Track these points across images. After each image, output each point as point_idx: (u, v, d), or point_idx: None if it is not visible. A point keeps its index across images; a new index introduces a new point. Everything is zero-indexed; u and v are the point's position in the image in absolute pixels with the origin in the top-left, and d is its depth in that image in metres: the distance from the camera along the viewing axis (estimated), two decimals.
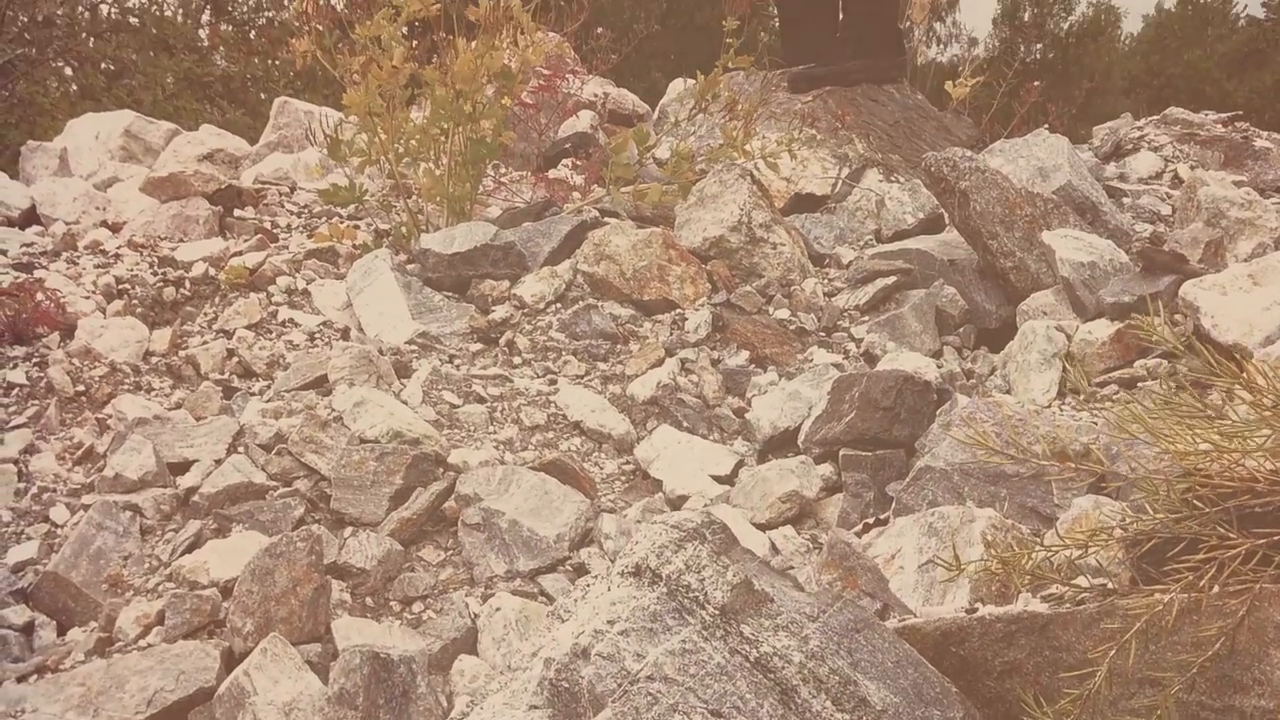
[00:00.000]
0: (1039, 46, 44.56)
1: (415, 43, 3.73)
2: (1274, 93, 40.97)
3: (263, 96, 16.27)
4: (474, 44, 3.67)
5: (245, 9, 25.32)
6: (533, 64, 3.67)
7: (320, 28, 3.61)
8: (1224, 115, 4.28)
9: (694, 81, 4.83)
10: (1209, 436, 1.31)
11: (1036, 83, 4.39)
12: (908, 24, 5.38)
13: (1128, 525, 1.40)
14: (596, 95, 5.02)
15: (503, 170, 4.39)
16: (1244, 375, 1.31)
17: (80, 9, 10.55)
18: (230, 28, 24.56)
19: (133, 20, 12.45)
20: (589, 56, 5.00)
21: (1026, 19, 44.55)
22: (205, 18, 24.53)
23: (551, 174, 4.39)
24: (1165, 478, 1.35)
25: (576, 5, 3.77)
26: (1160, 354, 2.75)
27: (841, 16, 4.48)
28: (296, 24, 3.63)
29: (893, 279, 3.30)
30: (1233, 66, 44.88)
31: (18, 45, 9.19)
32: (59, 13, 9.65)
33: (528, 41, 3.68)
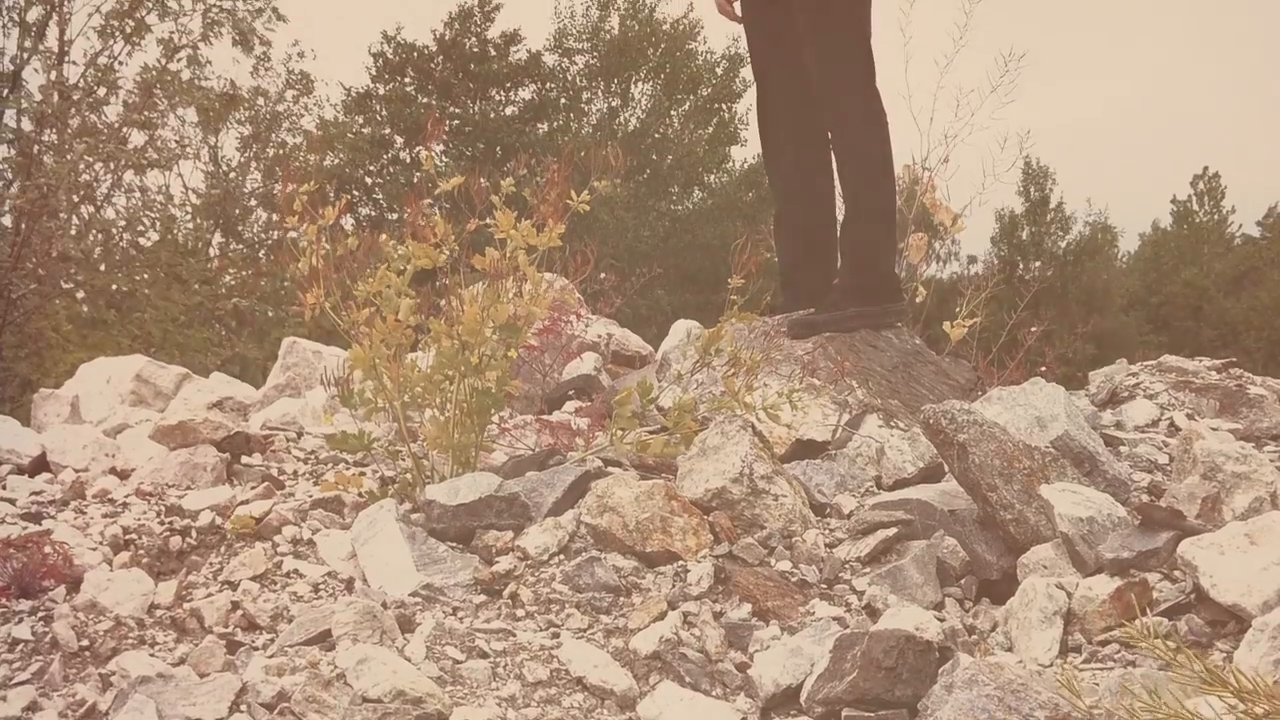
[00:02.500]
0: (1037, 264, 45.29)
1: (419, 292, 3.82)
2: (1272, 310, 41.49)
3: (270, 314, 16.59)
4: (479, 292, 3.77)
5: (255, 228, 25.83)
6: (537, 316, 3.76)
7: (326, 281, 3.70)
8: (1218, 362, 4.35)
9: (695, 325, 4.94)
10: None
11: (1034, 329, 4.50)
12: (906, 265, 5.49)
13: None
14: (600, 336, 5.12)
15: (508, 413, 4.44)
16: (1233, 682, 1.33)
17: (93, 241, 10.83)
18: (240, 248, 25.05)
19: (144, 242, 12.76)
20: (593, 299, 5.13)
21: (1025, 237, 45.37)
22: (216, 239, 25.03)
23: (556, 415, 4.46)
24: None
25: (580, 257, 3.87)
26: (1160, 612, 2.77)
27: (840, 263, 4.58)
28: (304, 278, 3.72)
29: (894, 530, 3.33)
30: (1230, 284, 45.59)
31: (31, 280, 9.40)
32: (74, 248, 9.90)
33: (532, 292, 3.77)
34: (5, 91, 10.46)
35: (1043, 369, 4.74)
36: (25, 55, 10.95)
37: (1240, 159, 66.99)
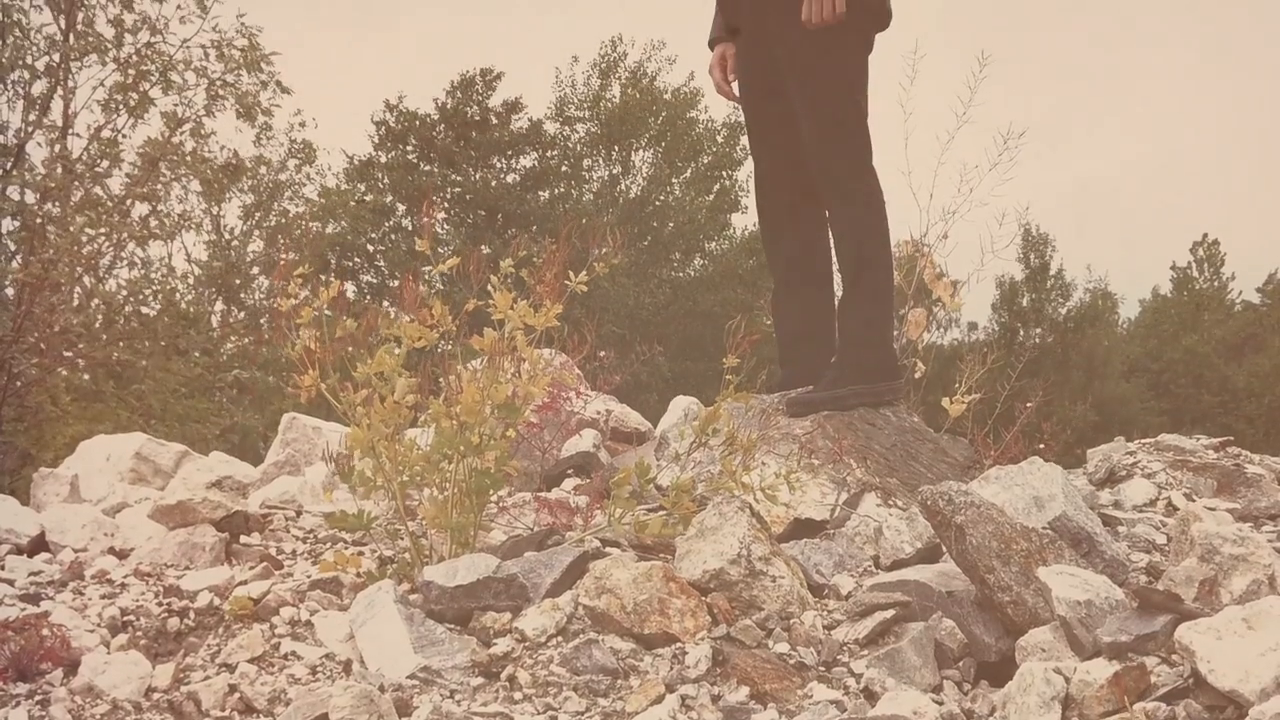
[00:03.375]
0: (1038, 331, 45.31)
1: (418, 370, 3.84)
2: (1273, 377, 41.53)
3: (270, 380, 16.63)
4: (478, 370, 3.78)
5: (257, 295, 25.93)
6: (536, 396, 3.77)
7: (323, 363, 3.72)
8: (1216, 441, 4.36)
9: (694, 401, 4.96)
10: None
11: (1030, 404, 4.52)
12: (903, 341, 5.51)
13: None
14: (600, 413, 5.13)
15: (507, 491, 4.45)
16: None
17: (95, 310, 10.89)
18: (242, 314, 25.13)
19: (146, 312, 12.81)
20: (593, 375, 5.15)
21: (1025, 304, 45.42)
22: (218, 306, 25.14)
23: (555, 493, 4.47)
24: None
25: (578, 337, 3.89)
26: (1158, 697, 2.76)
27: (838, 340, 4.60)
28: (301, 359, 3.74)
29: (891, 612, 3.33)
30: (1231, 351, 45.62)
31: (33, 355, 9.44)
32: (75, 320, 9.94)
33: (531, 372, 3.78)
34: (9, 165, 10.55)
35: (1041, 445, 4.75)
36: (30, 129, 11.06)
37: (1240, 226, 67.25)
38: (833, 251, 4.66)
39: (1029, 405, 4.53)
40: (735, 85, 4.78)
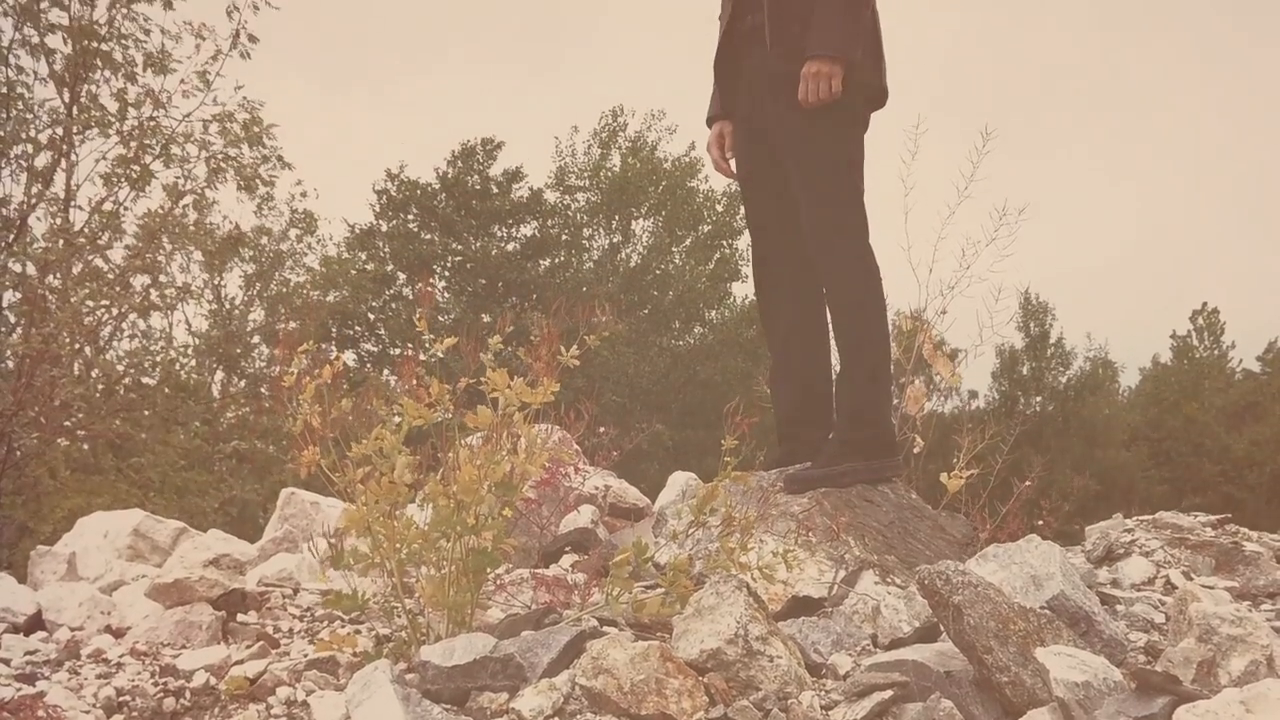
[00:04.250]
0: (1038, 399, 45.26)
1: (417, 448, 3.84)
2: (1274, 445, 41.43)
3: (271, 450, 16.62)
4: (476, 445, 3.79)
5: (258, 363, 25.97)
6: (533, 474, 3.77)
7: (324, 440, 3.72)
8: (1214, 518, 4.36)
9: (692, 477, 4.96)
10: None
11: (1028, 481, 4.52)
12: (903, 416, 5.52)
13: None
14: (598, 488, 5.13)
15: (505, 568, 4.44)
16: None
17: (95, 380, 10.90)
18: (243, 383, 25.15)
19: (147, 381, 12.83)
20: (592, 451, 5.15)
21: (1025, 372, 45.41)
22: (218, 375, 25.16)
23: (553, 569, 4.46)
24: None
25: (574, 414, 3.90)
26: None
27: (836, 417, 4.61)
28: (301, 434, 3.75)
29: (889, 693, 3.31)
30: (1231, 420, 45.53)
31: (33, 429, 9.45)
32: (77, 391, 9.96)
33: (528, 449, 3.79)
34: (11, 238, 10.61)
35: (1040, 521, 4.75)
36: (33, 201, 11.13)
37: (1239, 294, 67.43)
38: (830, 327, 4.68)
39: (1027, 483, 4.53)
40: (733, 163, 4.82)
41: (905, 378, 5.67)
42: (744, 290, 39.18)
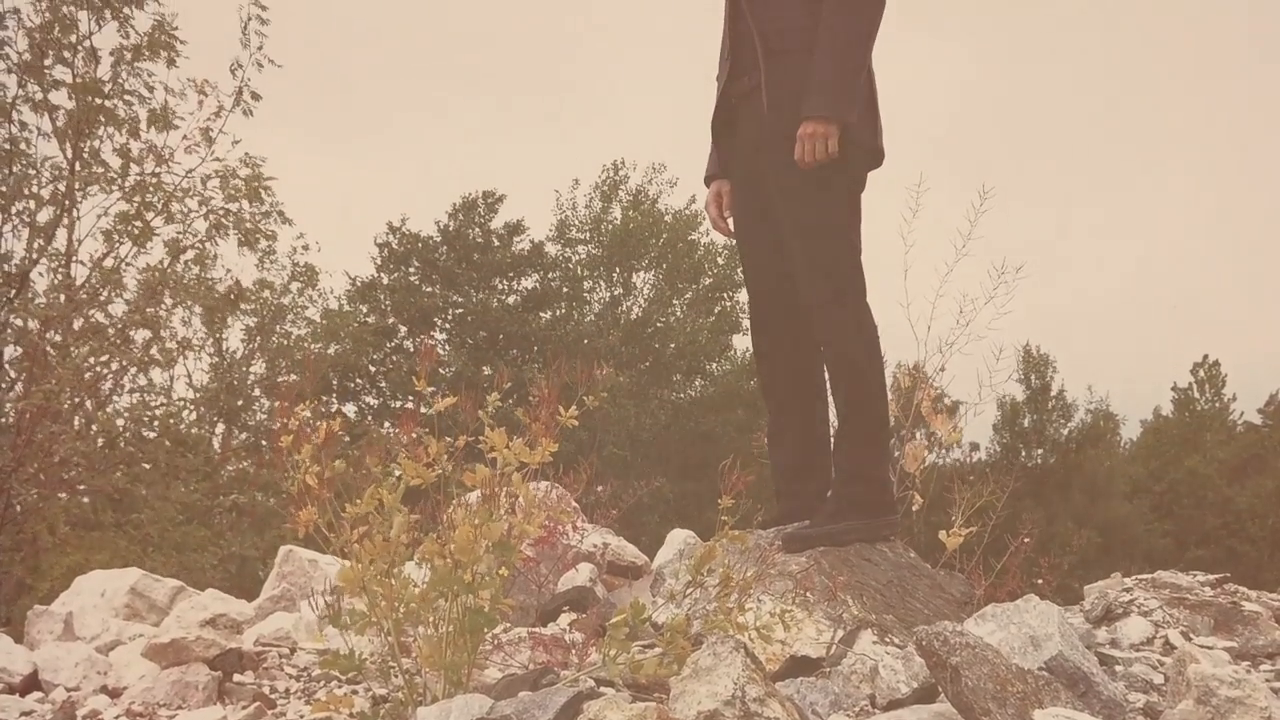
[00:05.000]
0: (1040, 452, 45.21)
1: (416, 506, 3.84)
2: (1276, 498, 41.37)
3: (271, 502, 16.59)
4: (473, 503, 3.78)
5: (259, 415, 25.97)
6: (530, 534, 3.77)
7: (319, 501, 3.72)
8: (1212, 577, 4.35)
9: (690, 534, 4.95)
10: None
11: (1027, 538, 4.51)
12: (900, 472, 5.52)
13: None
14: (596, 546, 5.12)
15: (503, 627, 4.43)
16: None
17: (95, 434, 10.90)
18: (245, 435, 25.15)
19: (148, 434, 12.82)
20: (590, 509, 5.15)
21: (1026, 425, 45.39)
22: (219, 428, 25.16)
23: (550, 628, 4.45)
24: None
25: (571, 474, 3.90)
26: None
27: (834, 475, 4.61)
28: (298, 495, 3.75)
29: None
30: (1233, 472, 45.47)
31: (32, 485, 9.44)
32: (78, 446, 9.96)
33: (526, 509, 3.78)
34: (13, 294, 10.64)
35: (1040, 580, 4.73)
36: (35, 256, 11.17)
37: (1240, 347, 67.46)
38: (828, 385, 4.69)
39: (1025, 539, 4.53)
40: (731, 221, 4.84)
41: (904, 434, 5.67)
42: (745, 343, 39.20)
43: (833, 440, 4.66)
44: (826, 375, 4.66)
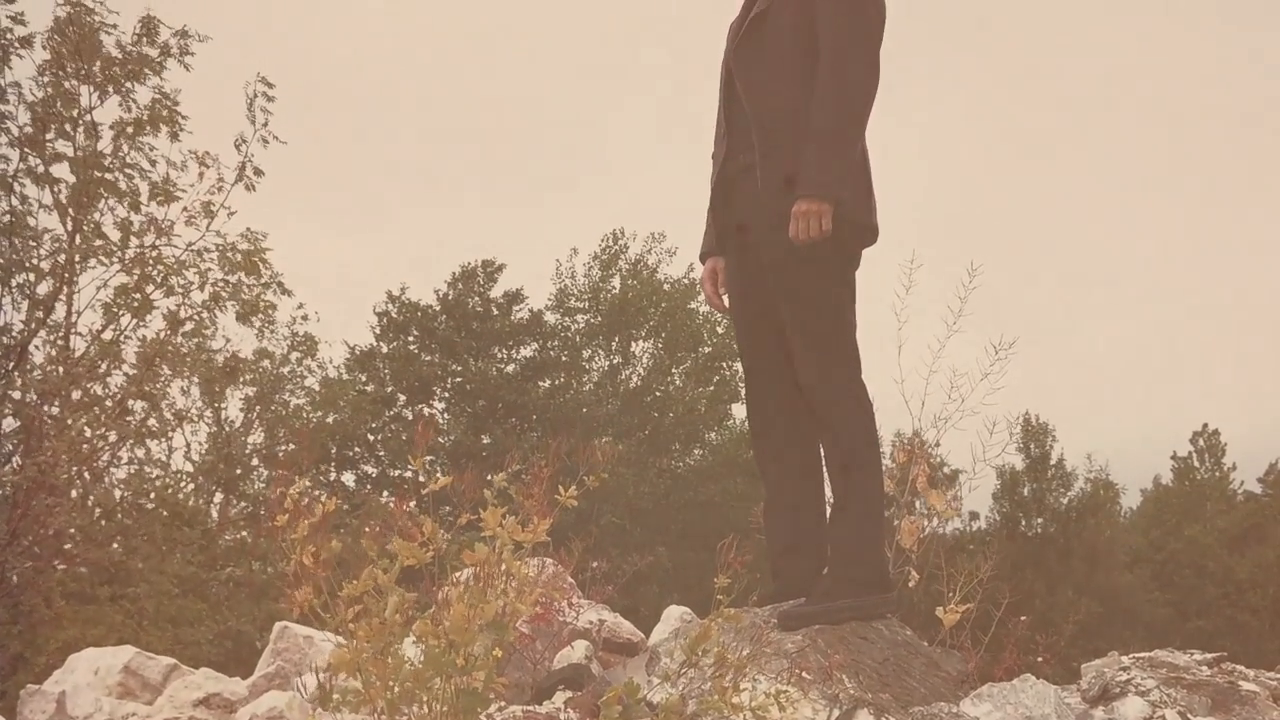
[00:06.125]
0: (1040, 520, 45.11)
1: (409, 585, 3.83)
2: (1277, 567, 41.25)
3: (269, 572, 16.52)
4: (467, 580, 3.77)
5: (257, 484, 25.95)
6: (524, 614, 3.76)
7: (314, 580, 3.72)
8: (1210, 656, 4.33)
9: (686, 611, 4.94)
10: None
11: (1024, 617, 4.50)
12: (895, 548, 5.51)
13: None
14: (592, 622, 5.10)
15: (497, 705, 4.41)
16: None
17: (91, 510, 10.89)
18: (244, 505, 25.13)
19: (147, 505, 12.80)
20: (587, 584, 5.13)
21: (1026, 494, 45.33)
22: (216, 497, 25.12)
23: (545, 706, 4.42)
24: None
25: (565, 552, 3.90)
26: None
27: (830, 551, 4.60)
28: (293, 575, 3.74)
29: None
30: (1233, 542, 45.38)
31: (27, 558, 9.42)
32: (74, 520, 9.95)
33: (520, 590, 3.78)
34: (11, 366, 10.66)
35: (1039, 659, 4.72)
36: (33, 328, 11.20)
37: (1239, 415, 67.47)
38: (823, 462, 4.69)
39: (1023, 618, 4.52)
40: (726, 298, 4.86)
41: (899, 509, 5.67)
42: (743, 412, 39.17)
43: (829, 516, 4.66)
44: (822, 451, 4.67)
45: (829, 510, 4.69)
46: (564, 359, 40.42)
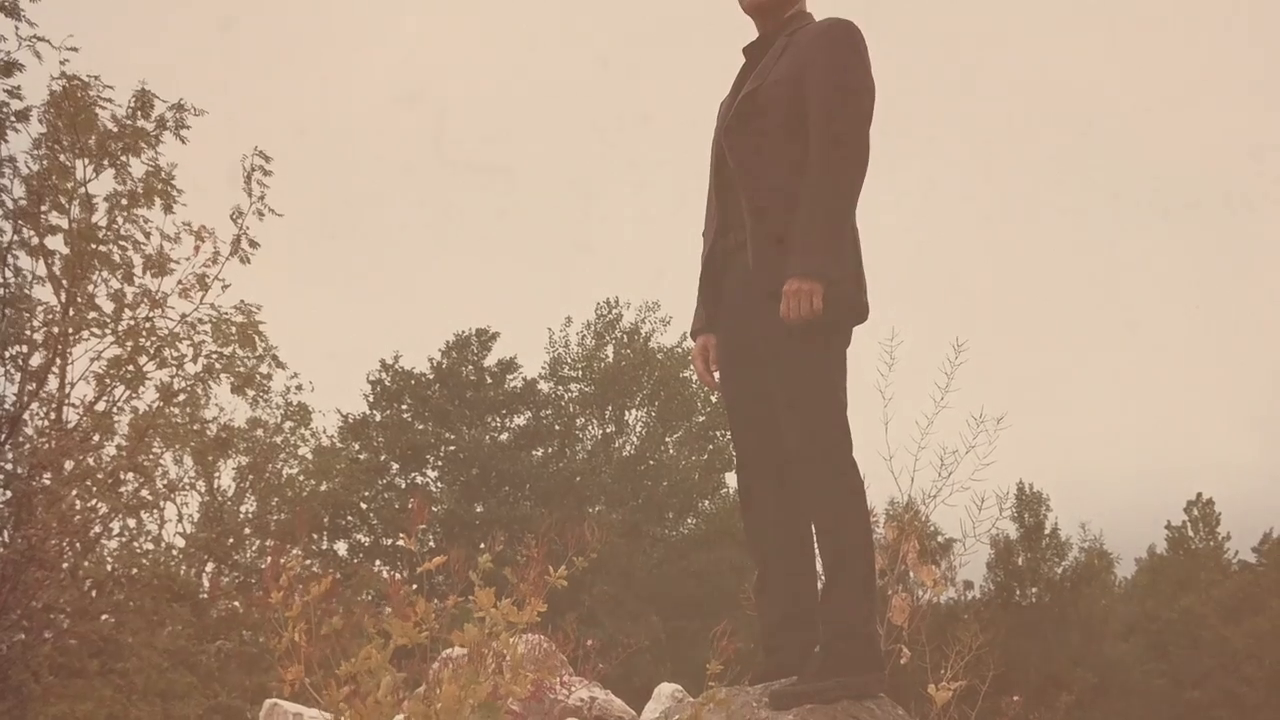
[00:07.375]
0: (1034, 590, 44.97)
1: (402, 664, 3.82)
2: (1272, 637, 41.08)
3: (260, 642, 16.39)
4: (459, 659, 3.77)
5: (250, 553, 25.87)
6: (517, 695, 3.76)
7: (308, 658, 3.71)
8: None
9: (678, 689, 4.93)
10: None
11: (1016, 697, 4.49)
12: (887, 625, 5.51)
13: None
14: (584, 700, 5.09)
15: None
16: None
17: (81, 583, 10.85)
18: (236, 576, 25.03)
19: (136, 572, 12.75)
20: (579, 662, 5.13)
21: (1021, 563, 45.22)
22: (209, 567, 25.03)
23: None
24: None
25: (562, 635, 3.90)
26: None
27: (821, 630, 4.60)
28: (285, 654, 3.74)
29: None
30: (1228, 612, 45.19)
31: (16, 631, 9.37)
32: (64, 594, 9.91)
33: (512, 669, 3.77)
34: (4, 437, 10.66)
35: None
36: (27, 400, 11.20)
37: (1233, 485, 67.40)
38: (815, 540, 4.69)
39: (1015, 698, 4.50)
40: (717, 376, 4.88)
41: (891, 584, 5.67)
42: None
43: (820, 593, 4.66)
44: (813, 530, 4.67)
45: (820, 586, 4.68)
46: (557, 428, 40.43)
